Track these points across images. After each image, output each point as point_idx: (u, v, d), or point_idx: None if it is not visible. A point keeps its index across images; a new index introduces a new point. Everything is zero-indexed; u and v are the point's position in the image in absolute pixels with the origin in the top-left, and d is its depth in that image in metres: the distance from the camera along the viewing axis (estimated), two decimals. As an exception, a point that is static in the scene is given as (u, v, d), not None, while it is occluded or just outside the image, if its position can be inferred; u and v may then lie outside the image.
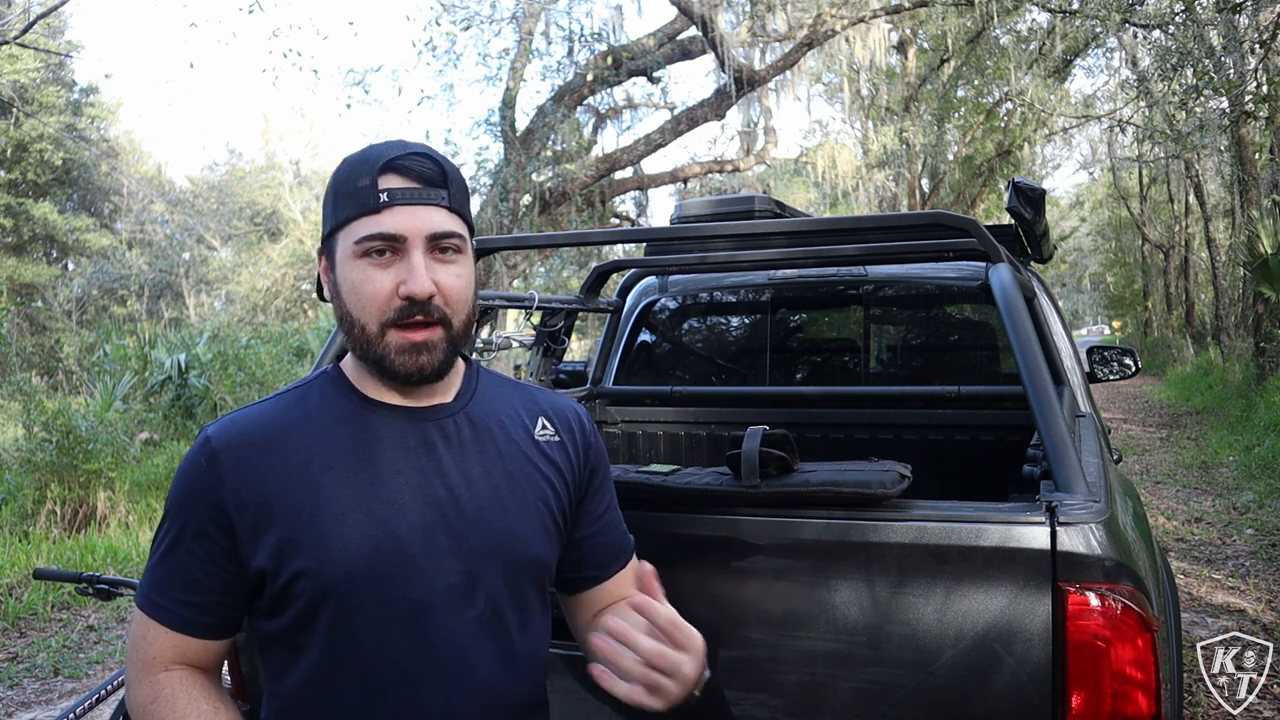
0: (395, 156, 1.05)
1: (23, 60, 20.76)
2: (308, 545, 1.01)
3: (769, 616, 1.43)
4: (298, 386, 1.15)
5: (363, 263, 1.04)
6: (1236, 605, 4.34)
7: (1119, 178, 25.43)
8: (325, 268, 1.11)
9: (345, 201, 1.06)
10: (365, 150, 1.09)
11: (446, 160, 1.09)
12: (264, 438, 1.06)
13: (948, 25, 16.58)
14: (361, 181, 1.04)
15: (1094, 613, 1.24)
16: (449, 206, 1.07)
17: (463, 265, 1.08)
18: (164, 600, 1.05)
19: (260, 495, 1.03)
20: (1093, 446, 1.75)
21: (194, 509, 1.04)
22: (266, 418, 1.09)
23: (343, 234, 1.06)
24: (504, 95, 13.08)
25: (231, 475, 1.03)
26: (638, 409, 3.29)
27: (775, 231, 2.35)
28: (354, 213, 1.04)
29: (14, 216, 24.50)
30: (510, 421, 1.17)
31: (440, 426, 1.10)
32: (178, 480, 1.07)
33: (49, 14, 10.36)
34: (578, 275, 18.32)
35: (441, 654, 1.04)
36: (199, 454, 1.06)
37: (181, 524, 1.05)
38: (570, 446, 1.20)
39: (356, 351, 1.08)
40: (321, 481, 1.04)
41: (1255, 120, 9.89)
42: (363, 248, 1.03)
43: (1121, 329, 34.99)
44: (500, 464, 1.12)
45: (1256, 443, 8.66)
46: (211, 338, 11.65)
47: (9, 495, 6.67)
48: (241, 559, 1.03)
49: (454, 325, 1.07)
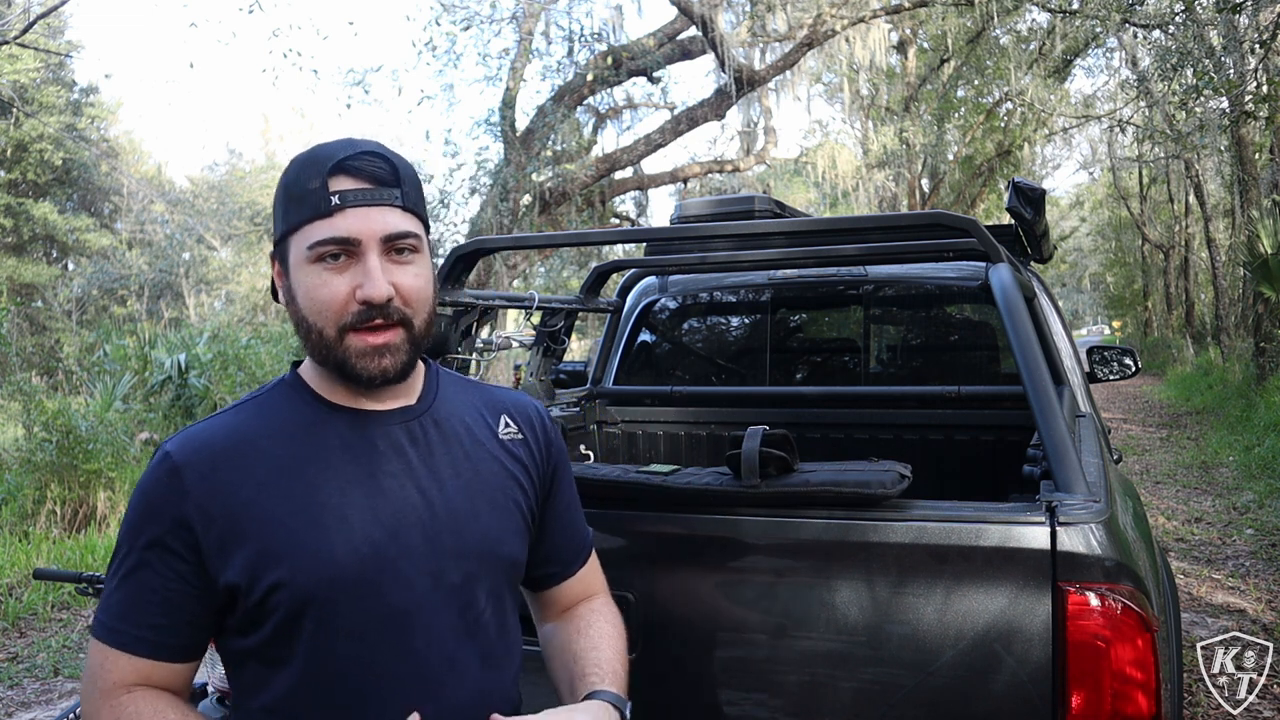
0: (345, 157, 1.02)
1: (23, 60, 20.76)
2: (284, 555, 0.99)
3: (769, 616, 1.43)
4: (256, 396, 1.11)
5: (316, 267, 1.01)
6: (1236, 605, 4.34)
7: (1119, 178, 25.43)
8: (279, 272, 1.08)
9: (296, 204, 1.02)
10: (314, 150, 1.05)
11: (399, 157, 1.06)
12: (228, 449, 1.03)
13: (948, 25, 16.58)
14: (311, 184, 1.01)
15: (1094, 613, 1.24)
16: (403, 206, 1.04)
17: (420, 265, 1.06)
18: (126, 626, 1.00)
19: (228, 508, 1.00)
20: (1093, 446, 1.75)
21: (157, 527, 1.00)
22: (229, 429, 1.05)
23: (295, 238, 1.03)
24: (504, 95, 13.07)
25: (196, 490, 1.00)
26: (638, 409, 3.29)
27: (775, 231, 2.35)
28: (305, 216, 1.01)
29: (14, 216, 24.50)
30: (474, 422, 1.16)
31: (407, 429, 1.09)
32: (137, 499, 1.02)
33: (49, 14, 10.36)
34: (578, 275, 18.31)
35: (426, 658, 1.03)
36: (159, 470, 1.01)
37: (144, 544, 1.00)
38: (533, 444, 1.20)
39: (316, 357, 1.06)
40: (293, 490, 1.01)
41: (1255, 120, 9.89)
42: (316, 252, 1.01)
43: (1121, 329, 34.99)
44: (469, 465, 1.12)
45: (1256, 443, 8.66)
46: (211, 338, 11.64)
47: (9, 495, 6.67)
48: (210, 575, 0.99)
49: (415, 326, 1.05)
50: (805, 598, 1.40)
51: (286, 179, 1.05)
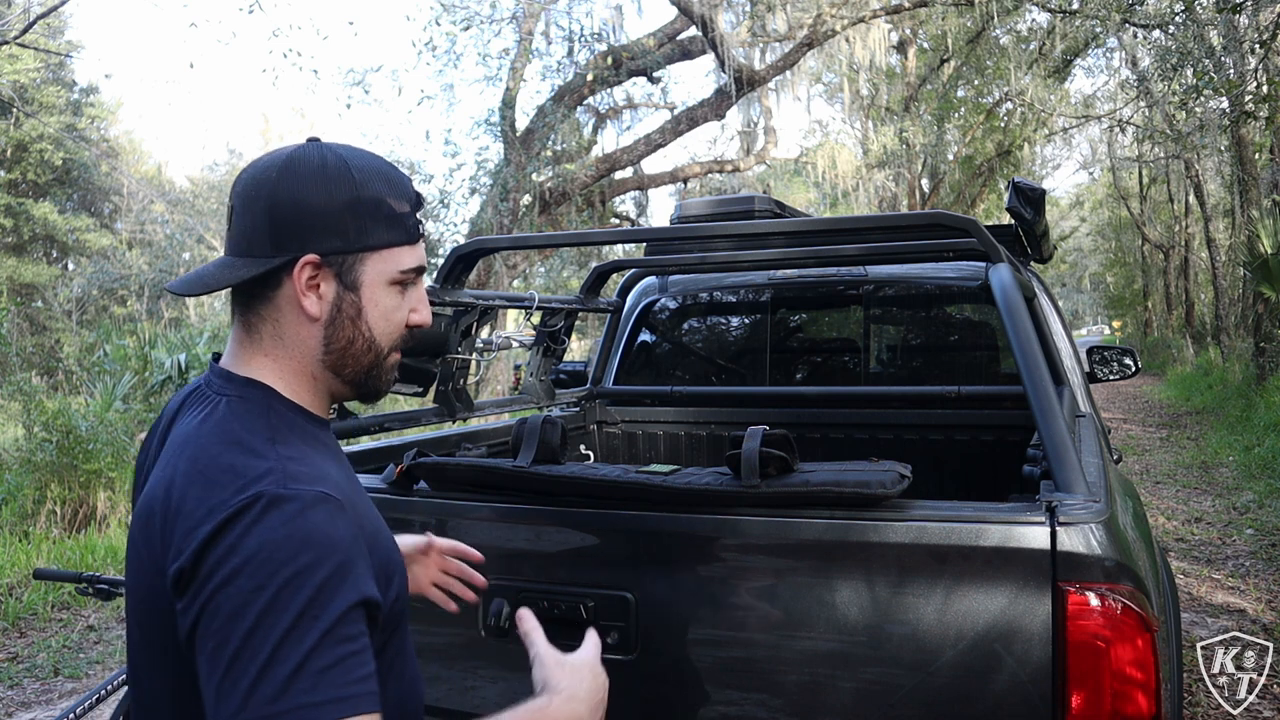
0: (411, 184, 1.06)
1: (23, 60, 20.77)
2: (395, 571, 1.02)
3: (769, 616, 1.43)
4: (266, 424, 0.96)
5: (394, 290, 1.04)
6: (1236, 605, 4.34)
7: (1119, 178, 25.45)
8: (313, 280, 0.98)
9: (385, 224, 1.01)
10: (381, 166, 1.03)
11: None
12: (338, 481, 0.96)
13: (948, 25, 16.59)
14: (400, 207, 1.03)
15: (1094, 613, 1.24)
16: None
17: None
18: (357, 689, 0.81)
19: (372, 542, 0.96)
20: (1093, 446, 1.75)
21: (356, 572, 0.87)
22: (309, 460, 0.95)
23: (378, 257, 1.01)
24: (504, 95, 13.08)
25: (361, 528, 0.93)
26: (638, 409, 3.29)
27: (775, 231, 2.35)
28: (398, 239, 1.02)
29: (14, 216, 24.51)
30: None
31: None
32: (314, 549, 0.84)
33: (49, 14, 10.36)
34: (578, 275, 18.31)
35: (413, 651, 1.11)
36: (333, 513, 0.88)
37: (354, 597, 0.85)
38: None
39: (354, 373, 1.04)
40: (366, 508, 1.02)
41: (1255, 120, 9.89)
42: (403, 277, 1.04)
43: (1121, 329, 35.01)
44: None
45: (1256, 443, 8.67)
46: (212, 338, 11.64)
47: (9, 495, 6.67)
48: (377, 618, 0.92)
49: None
50: (805, 598, 1.40)
51: (367, 190, 0.99)
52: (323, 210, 0.98)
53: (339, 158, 1.00)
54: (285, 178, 0.98)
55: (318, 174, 0.98)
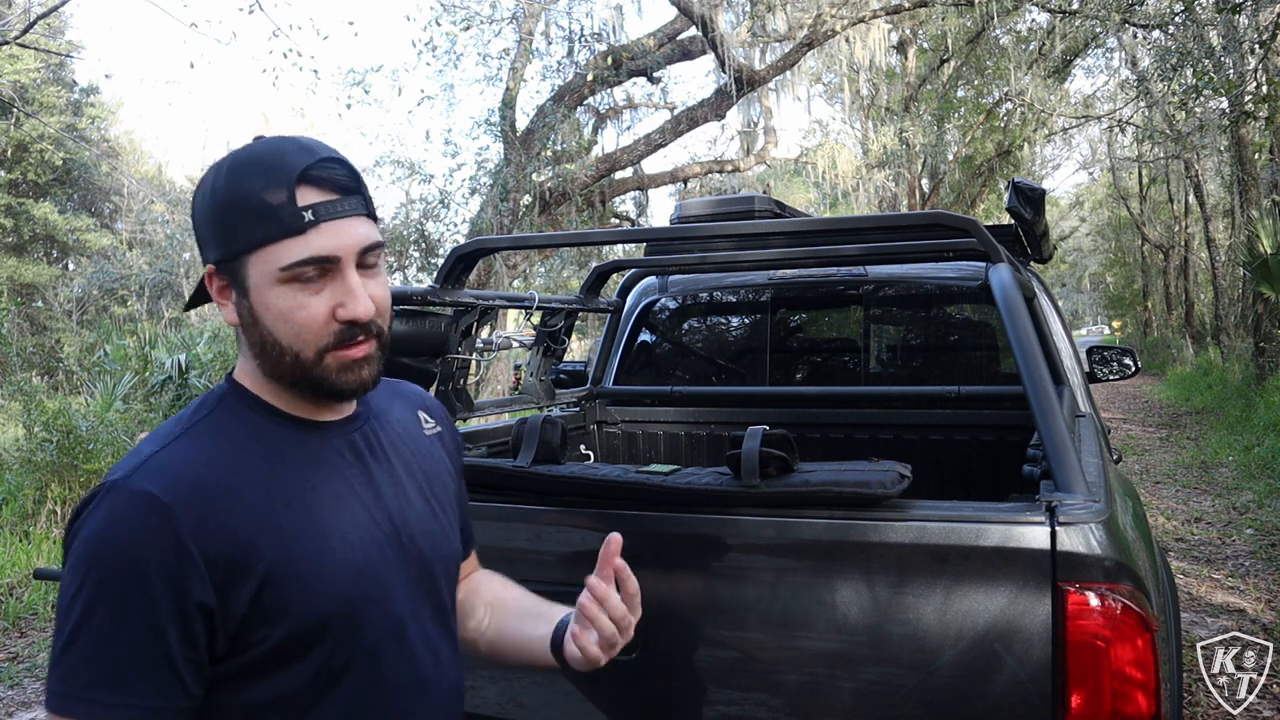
0: (308, 165, 0.93)
1: (23, 60, 20.77)
2: (293, 589, 0.93)
3: (769, 616, 1.43)
4: (201, 415, 0.99)
5: (289, 289, 0.93)
6: (1236, 605, 4.34)
7: (1119, 178, 25.45)
8: (222, 289, 0.98)
9: (255, 220, 0.92)
10: (261, 156, 0.95)
11: (349, 160, 1.00)
12: (214, 482, 0.92)
13: (948, 25, 16.58)
14: (275, 197, 0.92)
15: (1094, 613, 1.24)
16: (367, 214, 0.98)
17: (383, 273, 1.02)
18: (126, 699, 0.85)
19: (229, 547, 0.90)
20: (1093, 446, 1.75)
21: (146, 578, 0.86)
22: (205, 457, 0.94)
23: (256, 257, 0.93)
24: (504, 95, 13.07)
25: (194, 532, 0.88)
26: (638, 409, 3.29)
27: (775, 231, 2.35)
28: (272, 234, 0.92)
29: (14, 216, 24.51)
30: (403, 420, 1.17)
31: (364, 437, 1.07)
32: (112, 548, 0.87)
33: (49, 14, 10.36)
34: (578, 275, 18.30)
35: (420, 660, 1.05)
36: (144, 514, 0.87)
37: (141, 601, 0.86)
38: (447, 436, 1.24)
39: (285, 378, 0.98)
40: (286, 517, 0.95)
41: (1255, 120, 9.89)
42: (291, 274, 0.93)
43: (1121, 329, 35.00)
44: (417, 465, 1.13)
45: (1256, 443, 8.67)
46: (212, 338, 11.63)
47: (9, 495, 6.67)
48: (214, 626, 0.89)
49: (384, 336, 1.02)
50: (805, 598, 1.40)
51: (233, 190, 0.93)
52: (202, 220, 0.97)
53: (224, 161, 0.97)
54: (197, 192, 0.99)
55: (203, 183, 0.98)
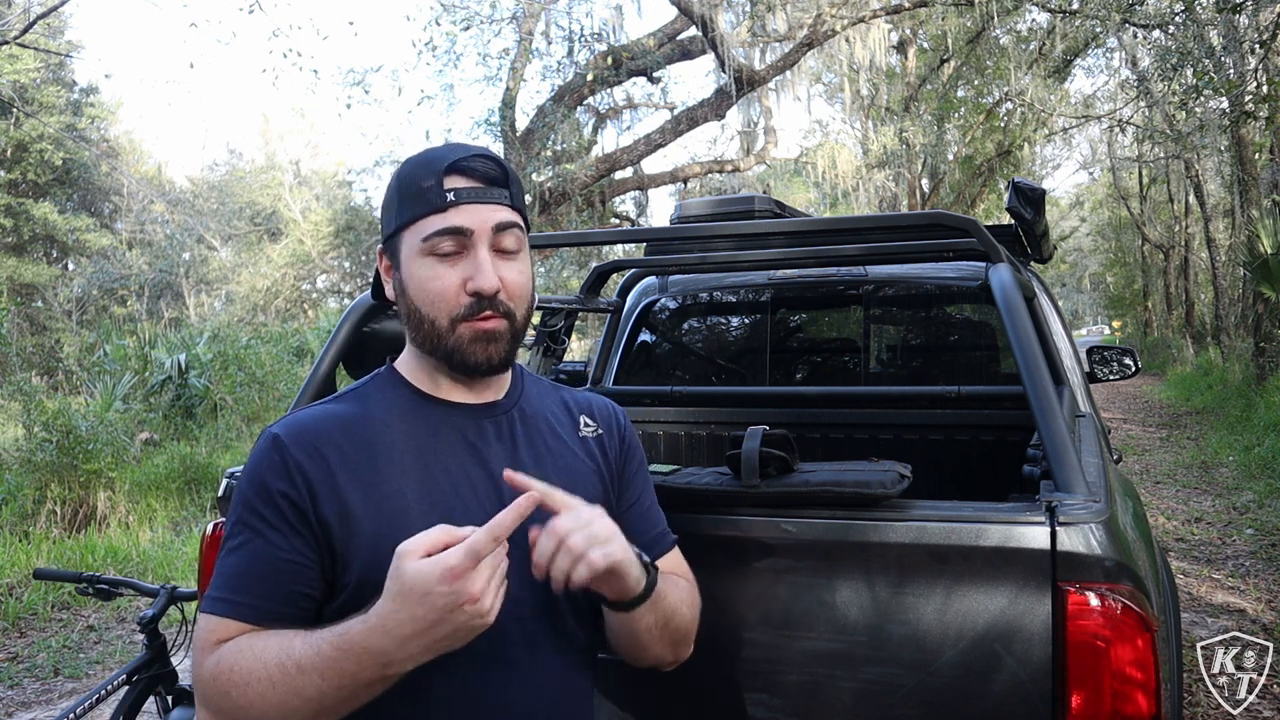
0: (459, 158, 1.08)
1: (23, 60, 20.77)
2: (362, 543, 1.01)
3: (769, 616, 1.43)
4: (350, 390, 1.16)
5: (429, 260, 1.07)
6: (1236, 605, 4.34)
7: (1119, 178, 25.45)
8: (388, 267, 1.14)
9: (410, 201, 1.08)
10: (427, 152, 1.11)
11: (506, 161, 1.12)
12: (327, 433, 1.07)
13: (948, 25, 16.58)
14: (426, 181, 1.07)
15: (1094, 613, 1.24)
16: (511, 205, 1.10)
17: (523, 262, 1.12)
18: (240, 596, 1.01)
19: (328, 488, 1.02)
20: (1093, 446, 1.75)
21: (269, 498, 1.02)
22: (329, 414, 1.10)
23: (408, 232, 1.08)
24: (504, 95, 13.08)
25: (305, 467, 1.03)
26: (638, 409, 3.29)
27: (775, 231, 2.35)
28: (420, 212, 1.07)
29: (14, 216, 24.49)
30: (555, 418, 1.21)
31: (495, 423, 1.14)
32: (248, 476, 1.05)
33: (49, 14, 10.36)
34: (578, 275, 18.31)
35: (500, 649, 1.04)
36: (268, 449, 1.05)
37: (259, 516, 1.02)
38: (609, 440, 1.25)
39: (425, 346, 1.10)
40: (383, 477, 1.04)
41: (1255, 120, 9.89)
42: (430, 244, 1.06)
43: (1121, 329, 34.99)
44: (550, 459, 1.16)
45: (1256, 443, 8.66)
46: (211, 338, 11.64)
47: (9, 495, 6.67)
48: (327, 548, 1.02)
49: (516, 320, 1.10)
50: (805, 598, 1.40)
51: (400, 178, 1.11)
52: (383, 207, 1.15)
53: (411, 157, 1.14)
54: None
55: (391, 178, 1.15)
